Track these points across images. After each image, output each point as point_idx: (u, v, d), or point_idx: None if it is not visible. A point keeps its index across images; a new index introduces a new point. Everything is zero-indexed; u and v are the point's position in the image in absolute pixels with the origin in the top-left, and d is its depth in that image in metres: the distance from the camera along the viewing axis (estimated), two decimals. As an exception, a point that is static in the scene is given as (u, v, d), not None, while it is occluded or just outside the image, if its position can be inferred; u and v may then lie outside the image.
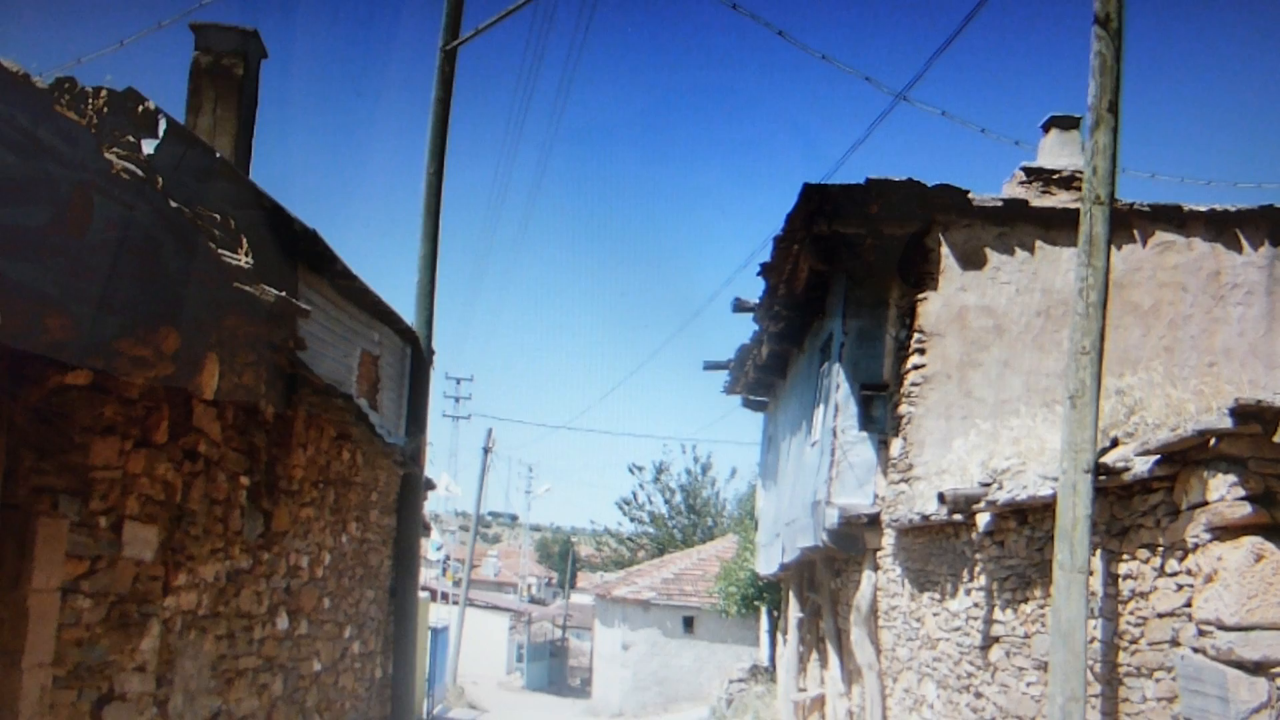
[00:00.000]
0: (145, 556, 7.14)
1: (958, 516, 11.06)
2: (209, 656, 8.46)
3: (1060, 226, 13.98)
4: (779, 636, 27.39)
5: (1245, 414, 6.40)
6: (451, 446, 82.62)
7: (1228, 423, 6.45)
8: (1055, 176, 14.78)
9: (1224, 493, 6.63)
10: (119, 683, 6.90)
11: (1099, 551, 8.33)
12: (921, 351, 14.10)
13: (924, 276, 14.30)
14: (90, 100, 7.55)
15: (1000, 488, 10.04)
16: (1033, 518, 9.61)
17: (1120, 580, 8.07)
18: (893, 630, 14.28)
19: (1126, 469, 7.78)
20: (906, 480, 13.92)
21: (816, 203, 13.85)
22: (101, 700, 6.70)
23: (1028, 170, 14.93)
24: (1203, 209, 14.22)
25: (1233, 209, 14.26)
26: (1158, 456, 7.30)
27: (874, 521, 14.80)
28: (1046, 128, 15.57)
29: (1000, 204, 14.08)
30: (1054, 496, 8.43)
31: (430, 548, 42.39)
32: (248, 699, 9.44)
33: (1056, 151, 15.24)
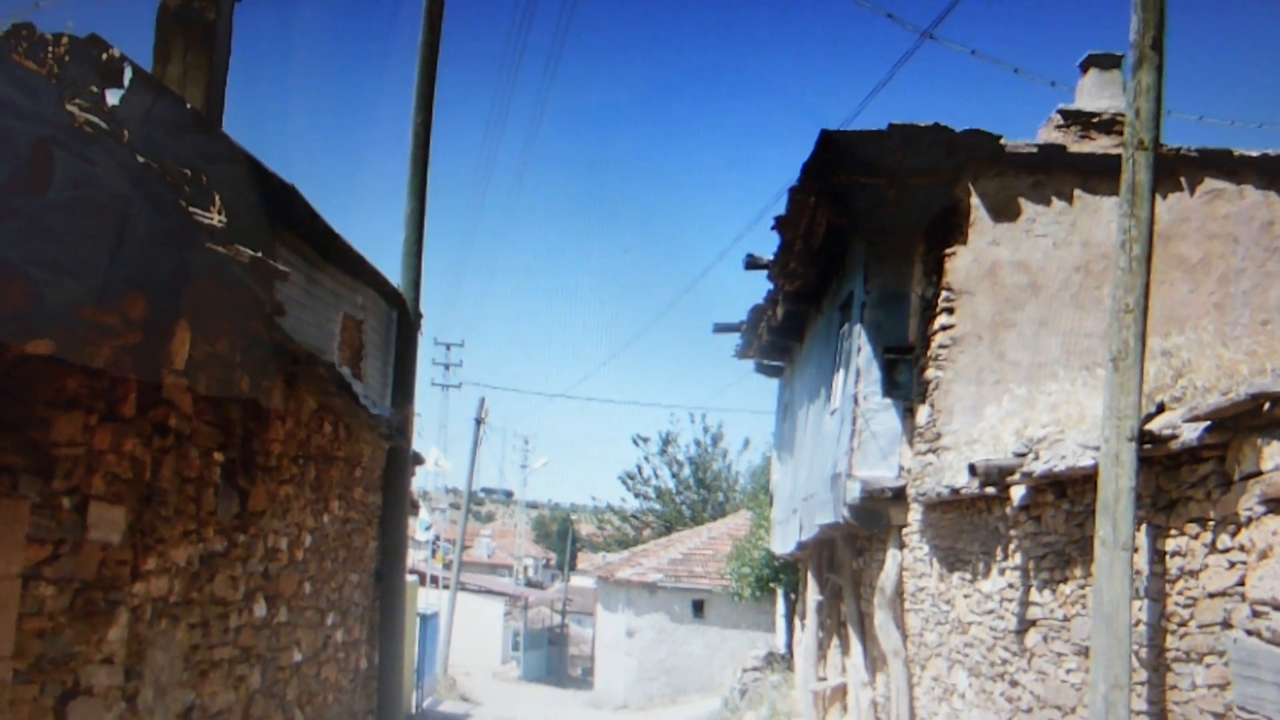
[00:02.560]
0: (112, 539, 7.15)
1: (990, 490, 11.07)
2: (181, 647, 8.48)
3: (1100, 174, 13.93)
4: (796, 621, 27.46)
5: (1303, 377, 6.40)
6: (441, 418, 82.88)
7: (1284, 386, 6.45)
8: (1095, 120, 14.72)
9: None
10: (85, 676, 6.91)
11: (1144, 526, 8.35)
12: (950, 311, 14.08)
13: (952, 230, 14.27)
14: (50, 48, 7.53)
15: (1036, 458, 10.05)
16: (1072, 491, 9.63)
17: (1167, 558, 8.09)
18: (920, 614, 14.32)
19: (1174, 437, 7.79)
20: (934, 450, 13.93)
21: (835, 151, 13.81)
22: (66, 695, 6.71)
23: (1065, 113, 14.86)
24: (1255, 154, 14.16)
25: (1288, 153, 14.23)
26: (1208, 423, 7.31)
27: (899, 495, 14.83)
28: (1085, 67, 15.49)
29: (1035, 150, 14.04)
30: (1095, 467, 8.45)
31: (418, 527, 42.38)
32: (223, 692, 9.46)
33: (1096, 93, 15.18)
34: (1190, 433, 7.54)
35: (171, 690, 8.30)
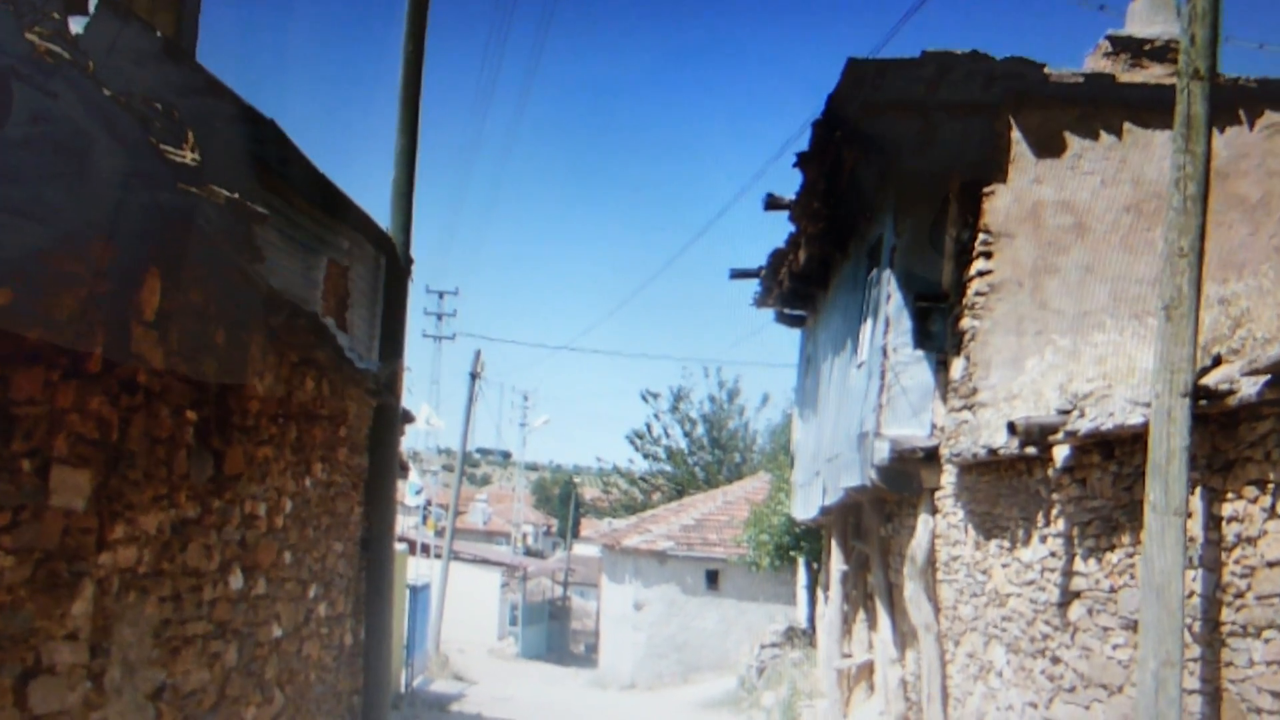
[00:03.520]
0: (76, 505, 7.13)
1: (1031, 450, 11.10)
2: (151, 622, 8.48)
3: (1152, 106, 13.87)
4: (819, 593, 27.56)
5: (1373, 327, 6.41)
6: (433, 372, 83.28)
7: (1352, 337, 6.46)
8: (1146, 47, 14.67)
9: (1347, 420, 6.65)
10: (47, 653, 6.89)
11: (1198, 490, 8.37)
12: (988, 255, 14.07)
13: (991, 167, 14.25)
14: (6, -30, 7.52)
15: (1081, 415, 10.07)
16: (1120, 451, 9.65)
17: (1223, 523, 8.11)
18: (954, 585, 14.37)
19: (1231, 392, 7.80)
20: (970, 407, 13.96)
21: (863, 82, 13.78)
22: (26, 674, 6.69)
23: (1114, 40, 14.81)
24: (1320, 84, 14.14)
25: (1356, 84, 14.17)
26: (1268, 377, 7.32)
27: (931, 456, 14.87)
28: (1137, -12, 15.45)
29: (1081, 80, 13.99)
30: (1145, 425, 8.47)
31: (408, 491, 42.42)
32: (197, 671, 9.47)
33: (1148, 18, 15.12)
34: (1249, 387, 7.55)
35: (141, 668, 8.32)
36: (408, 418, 18.40)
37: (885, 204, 16.01)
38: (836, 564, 21.78)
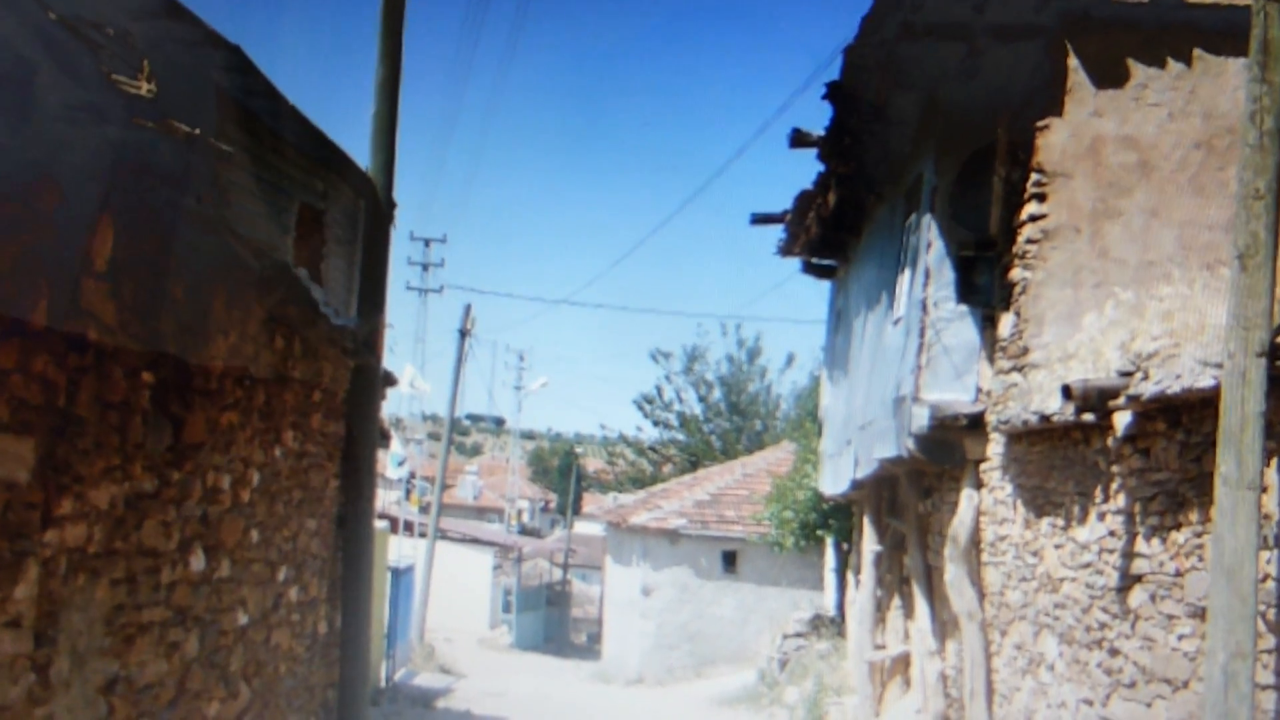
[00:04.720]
0: (19, 477, 7.14)
1: (1088, 416, 11.09)
2: (102, 607, 8.49)
3: (1226, 31, 13.77)
4: (849, 577, 27.61)
5: None
6: (418, 329, 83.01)
7: None
8: (1222, -38, 14.62)
9: None
10: (-14, 642, 6.96)
11: (1275, 461, 8.37)
12: (1041, 198, 14.01)
13: (1044, 98, 14.19)
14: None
15: (1145, 378, 10.05)
16: (1188, 417, 9.65)
17: (1303, 499, 8.12)
18: (1000, 568, 14.39)
19: (1313, 352, 7.80)
20: (1020, 369, 13.94)
21: (901, 2, 13.73)
22: (-36, 666, 6.76)
23: (1185, -46, 14.75)
24: None
25: None
26: (1355, 336, 7.32)
27: (976, 423, 14.86)
28: (1209, -106, 15.36)
29: (1146, 0, 13.92)
30: (1216, 389, 8.46)
31: (390, 462, 42.45)
32: (153, 662, 9.46)
33: (1222, -71, 15.06)
34: (1333, 347, 7.55)
35: (91, 659, 8.34)
36: (389, 380, 18.42)
37: (925, 141, 15.97)
38: (869, 544, 21.81)
